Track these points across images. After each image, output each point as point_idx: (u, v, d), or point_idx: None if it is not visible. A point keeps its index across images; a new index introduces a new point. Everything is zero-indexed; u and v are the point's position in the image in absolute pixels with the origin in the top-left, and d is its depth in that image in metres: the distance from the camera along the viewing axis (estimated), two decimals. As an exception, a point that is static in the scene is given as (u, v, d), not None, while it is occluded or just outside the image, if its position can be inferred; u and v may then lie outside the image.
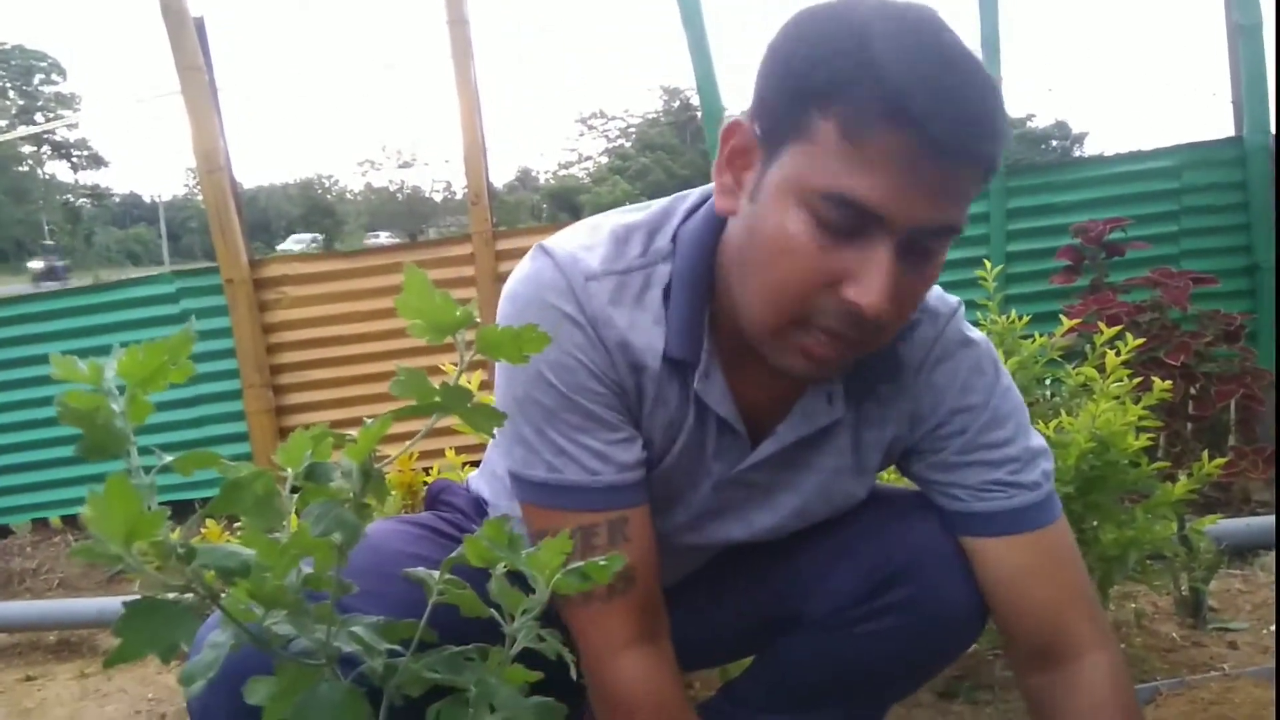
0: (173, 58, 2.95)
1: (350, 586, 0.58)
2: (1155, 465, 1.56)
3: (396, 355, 3.06)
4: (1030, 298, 2.89)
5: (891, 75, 0.72)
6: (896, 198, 0.75)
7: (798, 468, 1.01)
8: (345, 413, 3.07)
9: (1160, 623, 1.90)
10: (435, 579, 0.61)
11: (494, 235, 3.04)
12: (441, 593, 0.60)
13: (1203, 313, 2.55)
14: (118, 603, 2.38)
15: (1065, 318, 1.82)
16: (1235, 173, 2.88)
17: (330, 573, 0.56)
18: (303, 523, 0.54)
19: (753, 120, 0.83)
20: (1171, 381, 1.66)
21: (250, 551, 0.51)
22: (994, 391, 0.99)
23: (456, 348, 0.59)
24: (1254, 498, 2.58)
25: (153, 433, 3.06)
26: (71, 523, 3.26)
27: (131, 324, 3.09)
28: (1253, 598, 2.03)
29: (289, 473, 0.58)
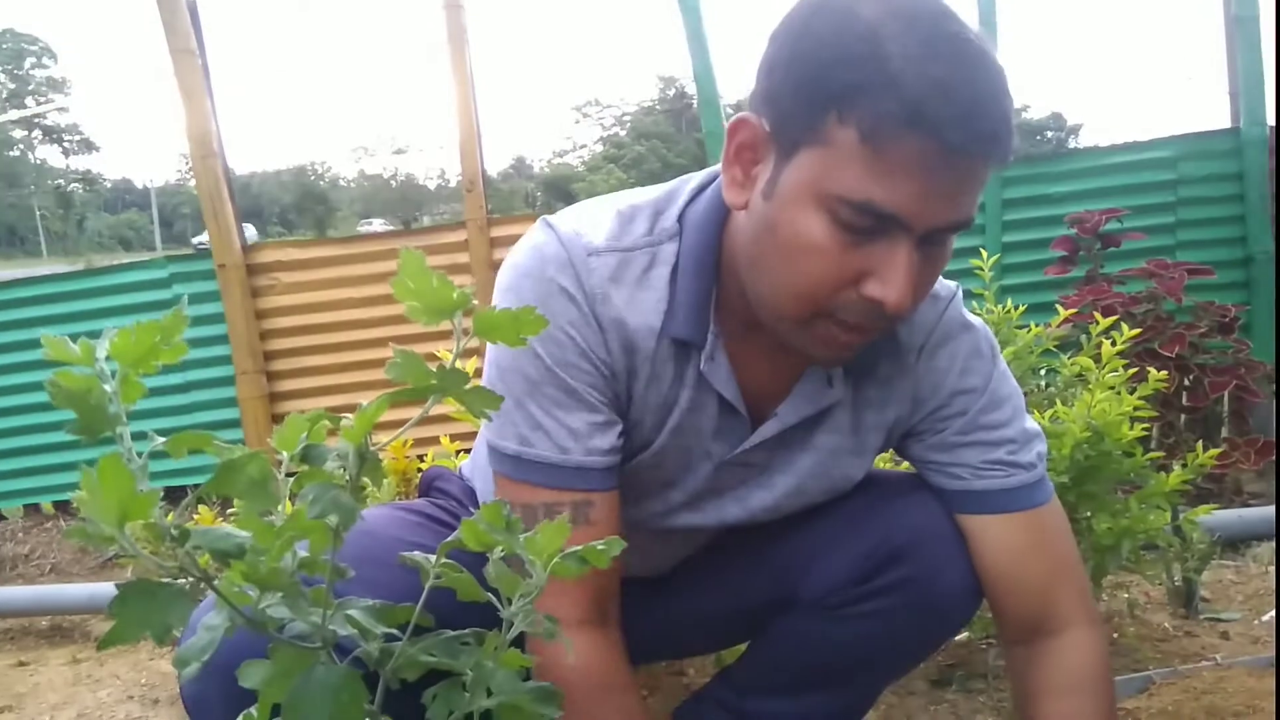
0: (165, 41, 2.93)
1: (346, 570, 0.58)
2: (1149, 456, 1.56)
3: (390, 342, 3.05)
4: (1026, 288, 2.89)
5: (907, 81, 0.73)
6: (918, 203, 0.77)
7: (796, 448, 1.01)
8: (339, 399, 3.06)
9: (1153, 613, 1.90)
10: (431, 563, 0.60)
11: (488, 223, 3.03)
12: (438, 577, 0.60)
13: (1198, 304, 2.56)
14: (110, 588, 2.37)
15: (1061, 308, 1.82)
16: (1231, 164, 2.88)
17: (326, 556, 0.56)
18: (298, 505, 0.54)
19: (760, 116, 0.83)
20: (1166, 372, 1.66)
21: (245, 534, 0.51)
22: (992, 375, 1.01)
23: (453, 331, 0.58)
24: (1246, 489, 2.59)
25: (145, 418, 3.05)
26: (63, 508, 3.25)
27: (123, 309, 3.08)
28: (1245, 588, 2.04)
29: (284, 457, 0.58)
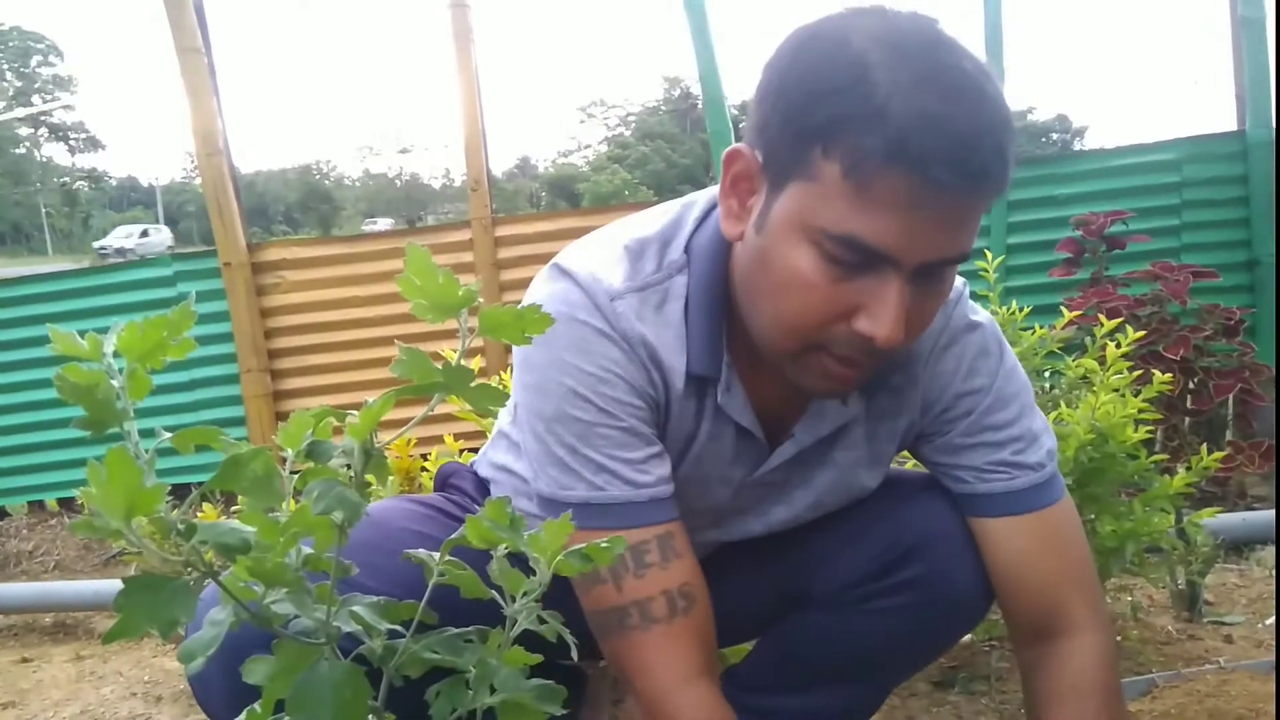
0: (171, 39, 2.93)
1: (350, 568, 0.58)
2: (1153, 458, 1.56)
3: (395, 341, 3.05)
4: (1031, 290, 2.89)
5: (893, 115, 0.71)
6: (904, 239, 0.75)
7: (814, 465, 1.02)
8: (343, 398, 3.07)
9: (1156, 616, 1.90)
10: (435, 559, 0.61)
11: (493, 222, 3.03)
12: (442, 574, 0.60)
13: (1202, 307, 2.55)
14: (114, 585, 2.37)
15: (1065, 310, 1.82)
16: (1237, 166, 2.87)
17: (330, 552, 0.56)
18: (303, 501, 0.54)
19: (753, 147, 0.83)
20: (1170, 375, 1.66)
21: (251, 529, 0.51)
22: (998, 373, 1.00)
23: (458, 329, 0.58)
24: (1250, 492, 2.58)
25: (149, 416, 3.05)
26: (68, 505, 3.26)
27: (129, 307, 3.08)
28: (1248, 592, 2.04)
29: (288, 453, 0.58)
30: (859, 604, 1.04)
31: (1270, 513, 2.25)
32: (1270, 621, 1.86)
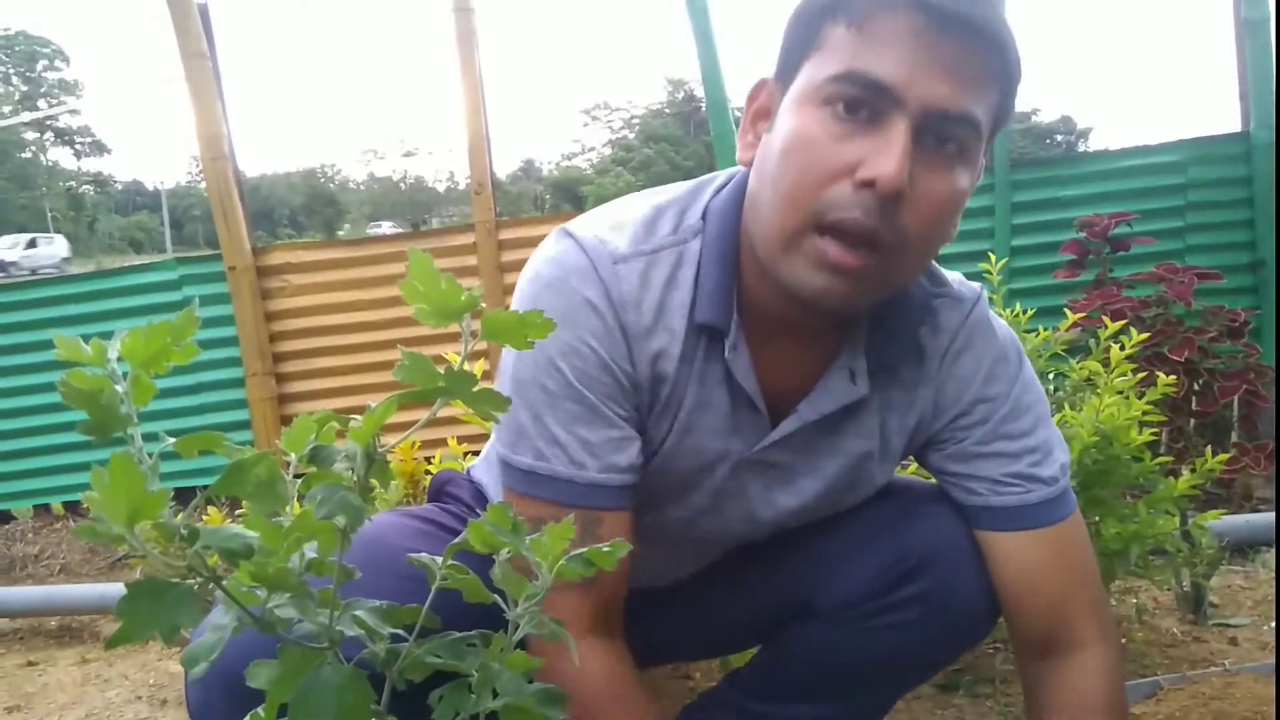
0: (177, 44, 2.94)
1: (353, 571, 0.58)
2: (1158, 460, 1.56)
3: (399, 345, 3.06)
4: (1035, 292, 2.89)
5: None
6: (905, 69, 0.77)
7: (821, 451, 1.00)
8: (347, 401, 3.07)
9: (1161, 618, 1.90)
10: (438, 564, 0.61)
11: (497, 225, 3.03)
12: (444, 579, 0.60)
13: (1207, 308, 2.55)
14: (119, 588, 2.37)
15: (1070, 312, 1.82)
16: (1241, 168, 2.87)
17: (333, 557, 0.56)
18: (306, 506, 0.54)
19: (774, 78, 0.87)
20: (1175, 377, 1.66)
21: (254, 534, 0.51)
22: (1016, 381, 0.99)
23: (461, 334, 0.59)
24: (1255, 494, 2.58)
25: (154, 419, 3.06)
26: (73, 509, 3.27)
27: (134, 311, 3.09)
28: (1253, 594, 2.03)
29: (292, 458, 0.58)
30: (865, 619, 1.03)
31: (1274, 515, 2.24)
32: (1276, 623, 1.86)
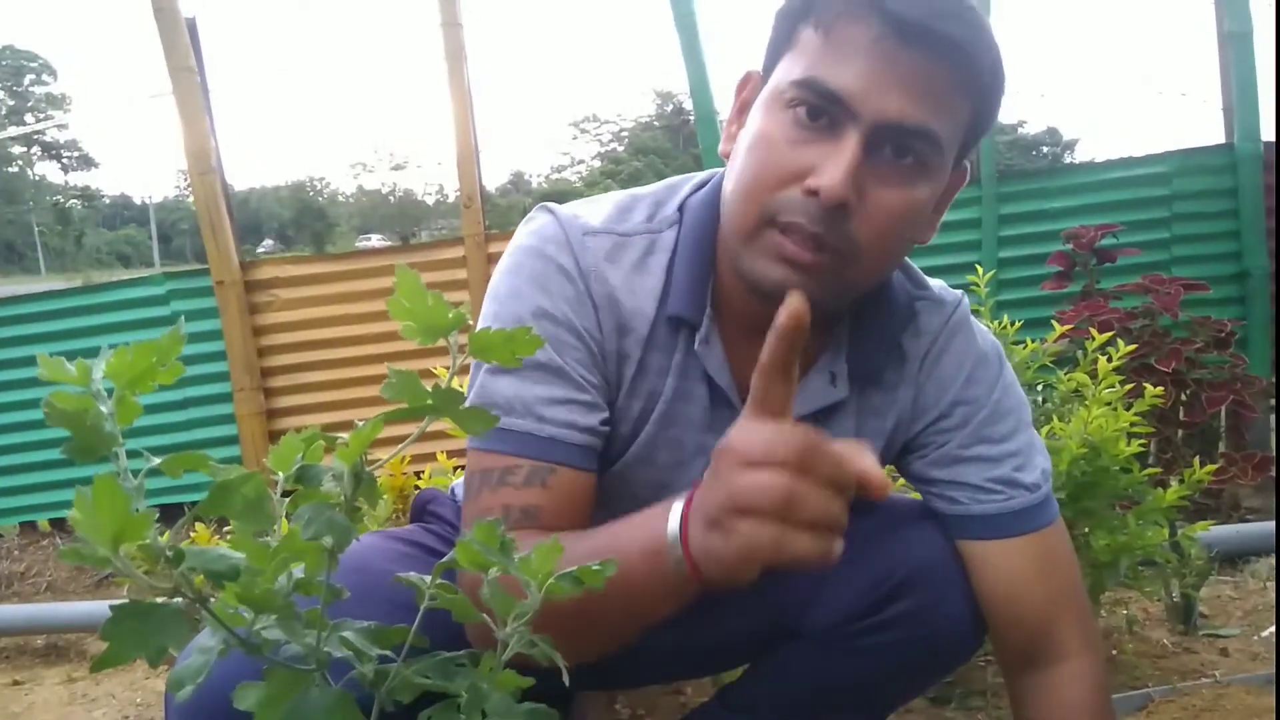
0: (164, 58, 2.93)
1: (341, 591, 0.57)
2: (1147, 471, 1.56)
3: (388, 358, 3.05)
4: (1022, 303, 2.90)
5: None
6: (862, 81, 0.78)
7: None
8: (336, 416, 3.06)
9: (1152, 629, 1.90)
10: (427, 584, 0.60)
11: (486, 238, 3.03)
12: (433, 598, 0.60)
13: (1194, 319, 2.56)
14: (106, 607, 2.35)
15: (1057, 323, 1.83)
16: (1226, 179, 2.89)
17: (321, 577, 0.55)
18: (293, 526, 0.54)
19: (761, 71, 0.89)
20: (1163, 388, 1.66)
21: (240, 555, 0.51)
22: (997, 385, 0.99)
23: (449, 350, 0.58)
24: (1244, 504, 2.59)
25: (142, 435, 3.05)
26: (60, 526, 3.24)
27: (122, 325, 3.08)
28: (1243, 604, 2.04)
29: (279, 476, 0.58)
30: (851, 640, 1.02)
31: (1264, 524, 2.25)
32: (1266, 633, 1.86)
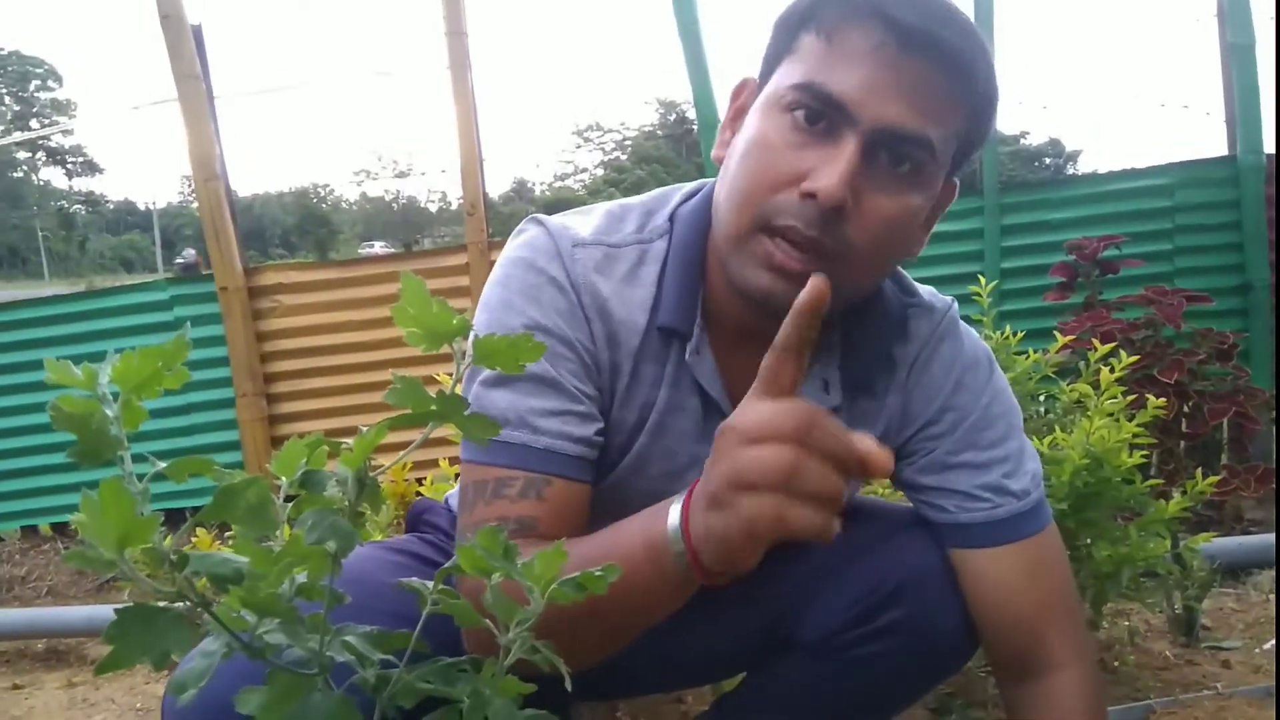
0: (170, 65, 2.95)
1: (343, 596, 0.57)
2: (1149, 483, 1.56)
3: (390, 365, 3.06)
4: (1024, 314, 2.90)
5: None
6: (862, 87, 0.79)
7: None
8: (338, 422, 3.07)
9: (1153, 641, 1.89)
10: (429, 590, 0.60)
11: (489, 246, 3.04)
12: (435, 604, 0.60)
13: (1196, 331, 2.56)
14: (106, 611, 2.36)
15: (1059, 334, 1.82)
16: (1229, 191, 2.89)
17: (324, 582, 0.56)
18: (296, 531, 0.54)
19: (758, 77, 0.89)
20: (1165, 399, 1.66)
21: (243, 559, 0.51)
22: (986, 389, 0.99)
23: (452, 357, 0.59)
24: (1246, 516, 2.58)
25: (145, 440, 3.05)
26: (61, 530, 3.25)
27: (125, 331, 3.09)
28: (1245, 616, 2.03)
29: (283, 482, 0.58)
30: (844, 648, 1.02)
31: (1266, 537, 2.25)
32: (1268, 646, 1.86)
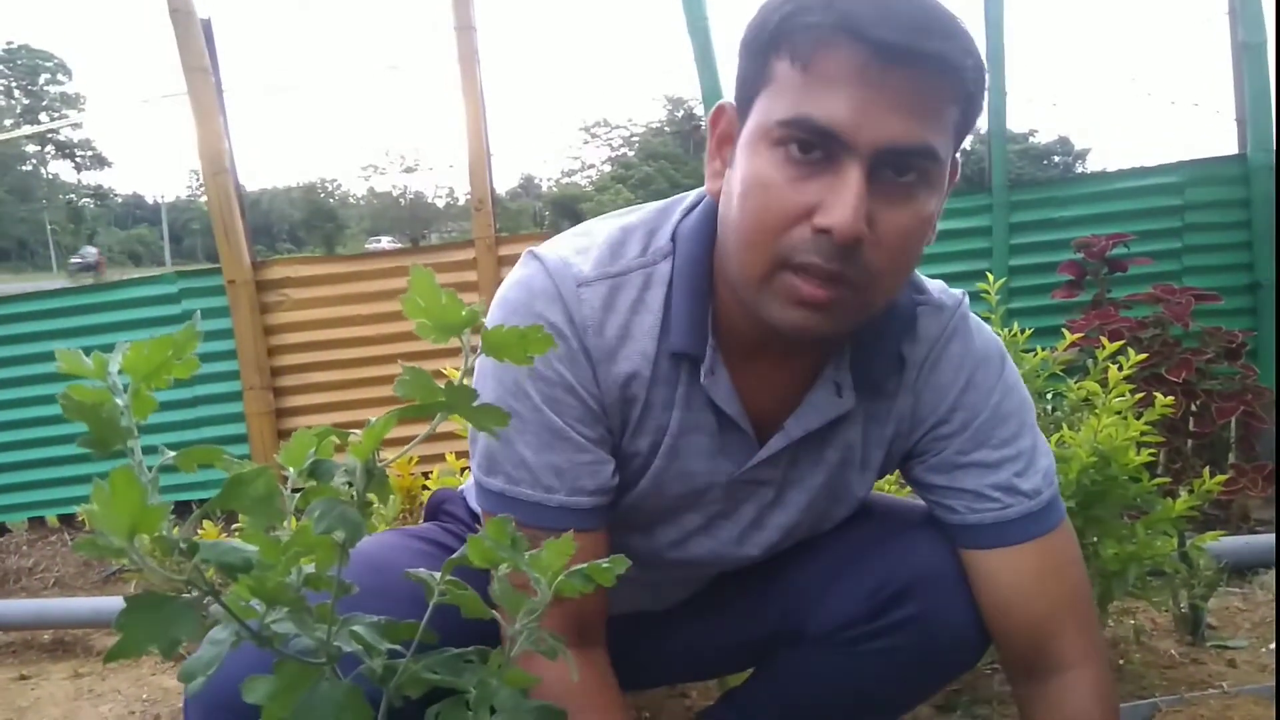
0: (179, 59, 2.95)
1: (351, 586, 0.58)
2: (1156, 481, 1.55)
3: (397, 359, 3.06)
4: (1032, 312, 2.89)
5: (839, 1, 0.74)
6: (853, 115, 0.75)
7: (807, 464, 0.99)
8: (345, 416, 3.07)
9: (1159, 639, 1.89)
10: (437, 580, 0.61)
11: (497, 241, 3.04)
12: (443, 594, 0.60)
13: (1204, 329, 2.55)
14: (113, 602, 2.36)
15: (1067, 332, 1.82)
16: (1238, 190, 2.88)
17: (331, 572, 0.56)
18: (304, 521, 0.54)
19: (735, 103, 0.85)
20: (1173, 398, 1.66)
21: (253, 548, 0.51)
22: (996, 389, 0.98)
23: (461, 349, 0.59)
24: (1253, 515, 2.57)
25: (152, 433, 3.05)
26: (69, 522, 3.26)
27: (133, 324, 3.09)
28: (1251, 616, 2.03)
29: (290, 473, 0.58)
30: (853, 645, 1.02)
31: (1272, 536, 2.24)
32: (1274, 646, 1.85)
